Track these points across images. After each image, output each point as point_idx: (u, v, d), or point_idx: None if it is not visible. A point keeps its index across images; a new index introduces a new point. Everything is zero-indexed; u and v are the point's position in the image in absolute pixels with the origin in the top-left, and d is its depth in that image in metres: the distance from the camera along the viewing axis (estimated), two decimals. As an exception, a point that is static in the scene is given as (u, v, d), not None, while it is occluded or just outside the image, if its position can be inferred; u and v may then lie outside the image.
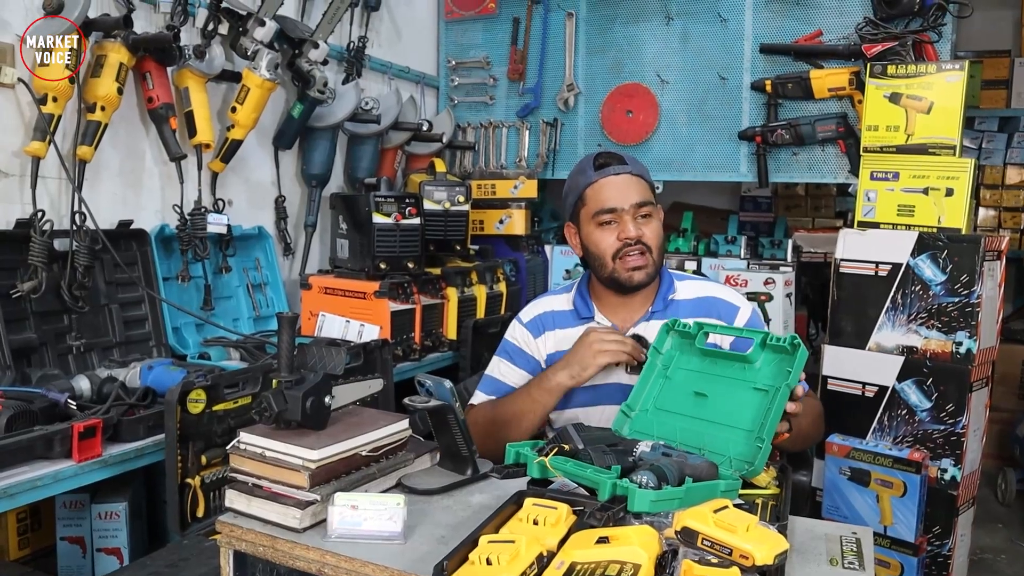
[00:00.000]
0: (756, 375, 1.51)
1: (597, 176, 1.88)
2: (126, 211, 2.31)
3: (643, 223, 1.86)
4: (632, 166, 1.89)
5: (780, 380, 1.46)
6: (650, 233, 1.86)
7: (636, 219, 1.85)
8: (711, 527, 1.06)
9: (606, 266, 1.88)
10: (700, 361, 1.61)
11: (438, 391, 1.43)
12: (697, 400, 1.55)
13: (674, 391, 1.60)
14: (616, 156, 1.90)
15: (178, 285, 2.41)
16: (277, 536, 1.25)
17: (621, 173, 1.87)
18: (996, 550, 3.33)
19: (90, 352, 2.15)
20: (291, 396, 1.31)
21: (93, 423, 1.66)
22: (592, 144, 3.38)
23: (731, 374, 1.55)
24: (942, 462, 2.66)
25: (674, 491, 1.20)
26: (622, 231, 1.84)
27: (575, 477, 1.29)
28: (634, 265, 1.85)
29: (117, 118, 2.22)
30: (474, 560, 1.05)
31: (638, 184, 1.87)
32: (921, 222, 2.66)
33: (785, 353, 1.49)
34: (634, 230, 1.83)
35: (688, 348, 1.64)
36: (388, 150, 3.22)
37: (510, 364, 2.02)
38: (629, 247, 1.84)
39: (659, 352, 1.65)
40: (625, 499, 1.18)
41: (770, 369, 1.50)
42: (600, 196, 1.87)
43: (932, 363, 2.63)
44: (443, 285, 2.78)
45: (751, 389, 1.50)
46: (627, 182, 1.86)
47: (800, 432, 1.60)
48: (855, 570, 1.18)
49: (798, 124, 2.99)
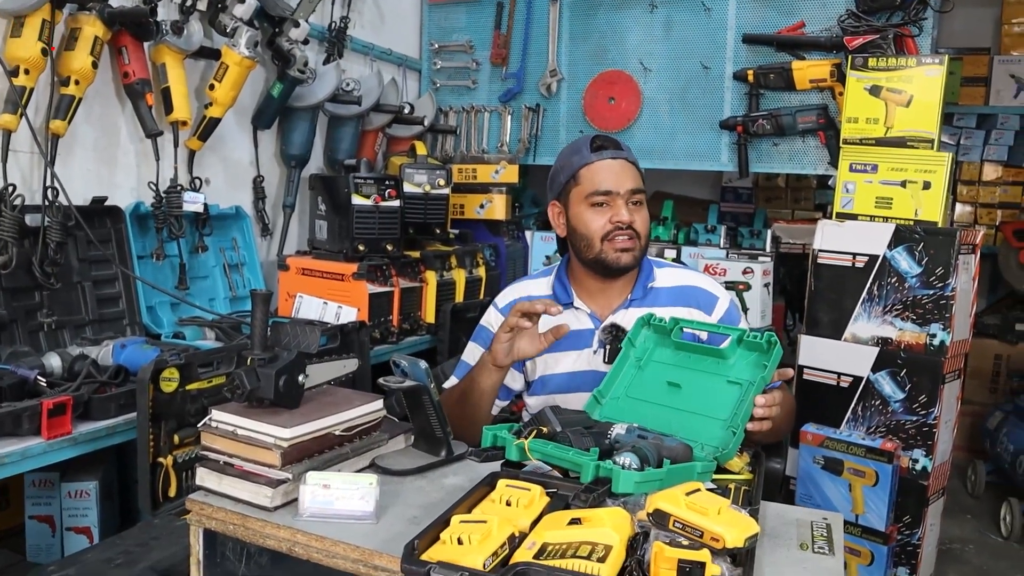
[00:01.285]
0: (730, 369, 1.52)
1: (595, 157, 1.86)
2: (100, 187, 2.28)
3: (635, 210, 1.86)
4: (627, 152, 1.90)
5: (755, 375, 1.46)
6: (640, 220, 1.86)
7: (629, 205, 1.85)
8: (683, 509, 1.06)
9: (593, 247, 1.86)
10: (674, 354, 1.61)
11: (413, 372, 1.42)
12: (670, 390, 1.55)
13: (647, 381, 1.60)
14: (613, 140, 1.90)
15: (153, 264, 2.38)
16: (248, 515, 1.24)
17: (618, 158, 1.87)
18: (964, 540, 3.38)
19: (62, 329, 2.12)
20: (264, 374, 1.30)
21: (63, 400, 1.64)
22: (574, 130, 3.37)
23: (705, 368, 1.55)
24: (914, 452, 2.68)
25: (656, 472, 1.20)
26: (615, 215, 1.83)
27: (556, 460, 1.29)
28: (623, 247, 1.84)
29: (92, 93, 2.18)
30: (445, 540, 1.04)
31: (633, 171, 1.88)
32: (898, 215, 2.67)
33: (760, 351, 1.49)
34: (627, 215, 1.83)
35: (663, 341, 1.64)
36: (369, 132, 3.19)
37: (483, 350, 2.00)
38: (620, 231, 1.84)
39: (633, 345, 1.65)
40: (607, 481, 1.17)
41: (745, 364, 1.51)
42: (596, 178, 1.85)
43: (906, 354, 2.65)
44: (422, 268, 2.77)
45: (725, 382, 1.50)
46: (623, 167, 1.86)
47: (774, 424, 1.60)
48: (824, 555, 1.19)
49: (779, 115, 3.00)
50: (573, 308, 1.93)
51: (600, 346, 1.88)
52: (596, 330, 1.90)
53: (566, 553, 1.00)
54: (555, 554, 1.01)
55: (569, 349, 1.91)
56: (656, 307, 1.87)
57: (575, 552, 1.00)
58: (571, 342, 1.90)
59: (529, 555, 1.01)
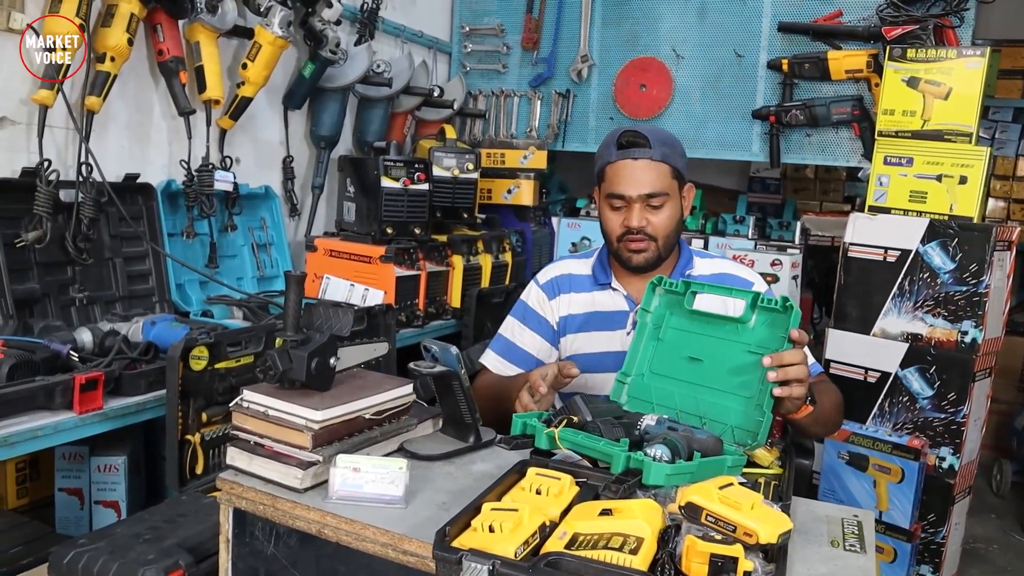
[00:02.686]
0: (750, 336, 1.48)
1: (617, 156, 1.84)
2: (133, 164, 2.29)
3: (651, 212, 1.83)
4: (656, 149, 1.82)
5: (775, 344, 1.43)
6: (657, 222, 1.83)
7: (645, 208, 1.82)
8: (716, 503, 1.05)
9: (611, 244, 1.90)
10: (691, 322, 1.57)
11: (444, 357, 1.42)
12: (692, 365, 1.53)
13: (668, 354, 1.57)
14: (642, 136, 1.83)
15: (183, 242, 2.40)
16: (278, 495, 1.24)
17: (640, 158, 1.82)
18: (988, 540, 3.35)
19: (93, 305, 2.14)
20: (296, 356, 1.30)
21: (95, 375, 1.65)
22: (604, 117, 3.35)
23: (724, 335, 1.51)
24: (941, 450, 2.66)
25: (687, 465, 1.19)
26: (627, 218, 1.83)
27: (586, 450, 1.28)
28: (635, 248, 1.85)
29: (126, 70, 2.18)
30: (476, 527, 1.04)
31: (656, 171, 1.82)
32: (933, 209, 2.64)
33: (778, 313, 1.46)
34: (637, 221, 1.82)
35: (678, 308, 1.59)
36: (398, 114, 3.18)
37: (522, 325, 2.02)
38: (631, 234, 1.84)
39: (647, 312, 1.62)
40: (637, 472, 1.17)
41: (764, 331, 1.47)
42: (615, 179, 1.84)
43: (936, 351, 2.62)
44: (449, 253, 2.77)
45: (746, 352, 1.47)
46: (644, 168, 1.82)
47: (823, 413, 1.58)
48: (856, 553, 1.17)
49: (813, 105, 2.96)
50: (611, 289, 1.94)
51: (634, 327, 1.88)
52: (631, 312, 1.90)
53: (598, 544, 1.00)
54: (587, 544, 1.00)
55: (604, 329, 1.92)
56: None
57: (607, 543, 1.00)
58: (606, 322, 1.92)
59: (560, 545, 1.01)
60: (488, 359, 2.03)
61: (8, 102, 1.97)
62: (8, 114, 1.98)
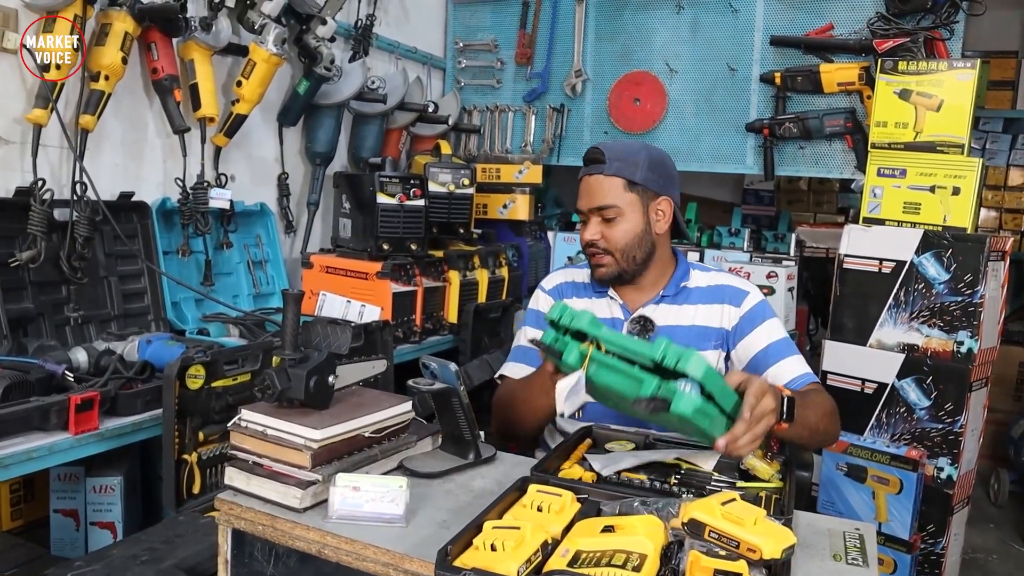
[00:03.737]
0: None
1: (582, 172, 1.92)
2: (127, 183, 2.28)
3: (604, 225, 1.87)
4: (610, 164, 1.86)
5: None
6: (611, 235, 1.87)
7: (601, 222, 1.87)
8: (719, 519, 1.04)
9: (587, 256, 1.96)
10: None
11: (443, 374, 1.41)
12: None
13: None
14: (600, 152, 1.88)
15: (178, 259, 2.39)
16: (277, 515, 1.23)
17: (594, 173, 1.88)
18: (988, 550, 3.34)
19: (88, 324, 2.12)
20: (295, 374, 1.29)
21: (90, 395, 1.64)
22: (598, 131, 3.36)
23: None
24: (939, 461, 2.66)
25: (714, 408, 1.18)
26: (583, 232, 1.91)
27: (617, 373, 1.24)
28: (595, 263, 1.91)
29: (120, 88, 2.18)
30: (478, 546, 1.03)
31: (606, 185, 1.86)
32: (927, 220, 2.65)
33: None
34: (588, 234, 1.88)
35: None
36: (393, 130, 3.19)
37: (535, 330, 2.04)
38: (590, 247, 1.90)
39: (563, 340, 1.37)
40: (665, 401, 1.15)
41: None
42: (578, 194, 1.93)
43: (933, 362, 2.62)
44: (445, 268, 2.76)
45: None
46: (596, 184, 1.87)
47: (806, 426, 1.57)
48: (859, 566, 1.17)
49: (806, 118, 2.97)
50: (607, 297, 1.97)
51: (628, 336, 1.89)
52: (625, 321, 1.91)
53: (600, 561, 0.99)
54: (589, 562, 1.00)
55: None
56: (687, 304, 1.92)
57: (609, 560, 0.99)
58: None
59: (563, 563, 1.00)
60: (507, 369, 2.04)
61: (2, 121, 1.97)
62: (2, 133, 1.97)
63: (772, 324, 1.90)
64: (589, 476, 1.36)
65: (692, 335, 1.89)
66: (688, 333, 1.88)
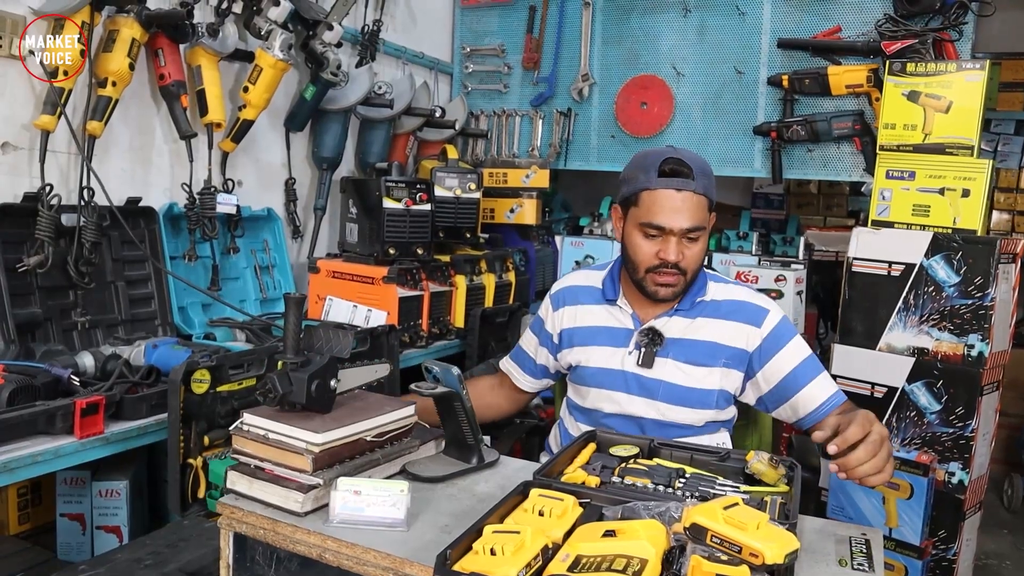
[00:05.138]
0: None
1: (659, 185, 1.74)
2: (134, 188, 2.30)
3: (687, 246, 1.77)
4: (698, 182, 1.74)
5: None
6: (691, 257, 1.78)
7: (682, 242, 1.76)
8: (721, 524, 1.03)
9: (637, 272, 1.82)
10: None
11: (445, 378, 1.41)
12: None
13: None
14: (687, 166, 1.74)
15: (185, 265, 2.40)
16: (278, 519, 1.23)
17: (684, 190, 1.73)
18: (1001, 556, 3.31)
19: (95, 329, 2.14)
20: (296, 378, 1.29)
21: (96, 400, 1.64)
22: (605, 135, 3.35)
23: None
24: (950, 466, 2.63)
25: None
26: (663, 251, 1.76)
27: None
28: (664, 282, 1.79)
29: (128, 94, 2.20)
30: (478, 550, 1.03)
31: (697, 205, 1.75)
32: (936, 222, 2.63)
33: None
34: (675, 255, 1.75)
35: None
36: (400, 135, 3.19)
37: (532, 334, 2.09)
38: (665, 267, 1.77)
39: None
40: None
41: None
42: (654, 207, 1.75)
43: (943, 365, 2.60)
44: (452, 273, 2.76)
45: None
46: (686, 202, 1.74)
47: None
48: (864, 572, 1.16)
49: (814, 120, 2.95)
50: (617, 306, 1.92)
51: (636, 348, 1.86)
52: (635, 332, 1.87)
53: (600, 566, 0.98)
54: (589, 567, 0.99)
55: (606, 344, 1.90)
56: (700, 318, 1.85)
57: (610, 565, 0.98)
58: (610, 338, 1.90)
59: (563, 567, 1.00)
60: (501, 362, 2.17)
61: (10, 127, 1.98)
62: (10, 139, 1.99)
63: (796, 344, 1.82)
64: (592, 480, 1.35)
65: (701, 351, 1.83)
66: (697, 348, 1.83)
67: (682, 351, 1.83)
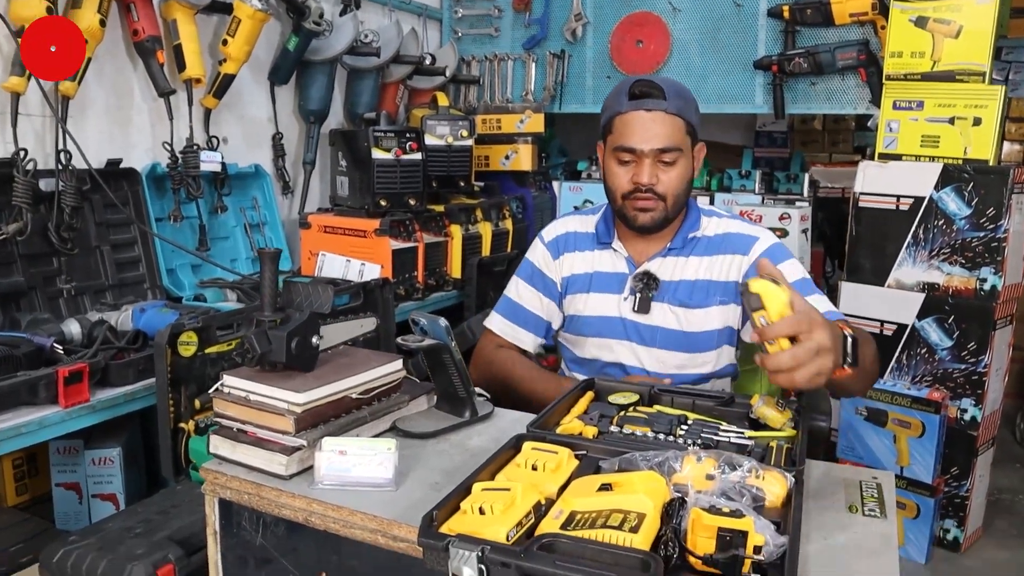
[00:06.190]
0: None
1: (628, 107, 1.70)
2: (114, 149, 2.22)
3: (663, 169, 1.71)
4: (671, 101, 1.70)
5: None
6: (668, 181, 1.71)
7: (656, 164, 1.70)
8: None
9: (615, 201, 1.78)
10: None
11: (433, 330, 1.35)
12: None
13: None
14: (657, 87, 1.71)
15: (171, 226, 2.34)
16: (262, 484, 1.18)
17: (654, 110, 1.69)
18: (1014, 490, 3.27)
19: (82, 295, 2.09)
20: (275, 336, 1.23)
21: (79, 367, 1.60)
22: (601, 76, 3.25)
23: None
24: (962, 402, 2.58)
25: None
26: (636, 175, 1.71)
27: None
28: (642, 207, 1.73)
29: (101, 52, 2.12)
30: (466, 509, 0.97)
31: (671, 124, 1.70)
32: (946, 153, 2.54)
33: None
34: (647, 177, 1.70)
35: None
36: (389, 85, 3.10)
37: (527, 285, 1.95)
38: (639, 192, 1.72)
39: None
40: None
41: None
42: (625, 131, 1.71)
43: (955, 300, 2.54)
44: (446, 223, 2.69)
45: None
46: (657, 121, 1.69)
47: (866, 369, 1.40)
48: (876, 517, 1.10)
49: (817, 52, 2.84)
50: (612, 249, 1.86)
51: (631, 293, 1.80)
52: (629, 276, 1.81)
53: (595, 523, 0.93)
54: (584, 524, 0.94)
55: (602, 291, 1.85)
56: (693, 256, 1.79)
57: (605, 522, 0.93)
58: (605, 284, 1.84)
59: (556, 525, 0.95)
60: (494, 323, 1.97)
61: (-24, 91, 1.91)
62: (-23, 103, 1.91)
63: (788, 265, 1.75)
64: (590, 431, 1.30)
65: (695, 291, 1.77)
66: (691, 289, 1.77)
67: (676, 294, 1.77)
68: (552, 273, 1.93)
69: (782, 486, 1.05)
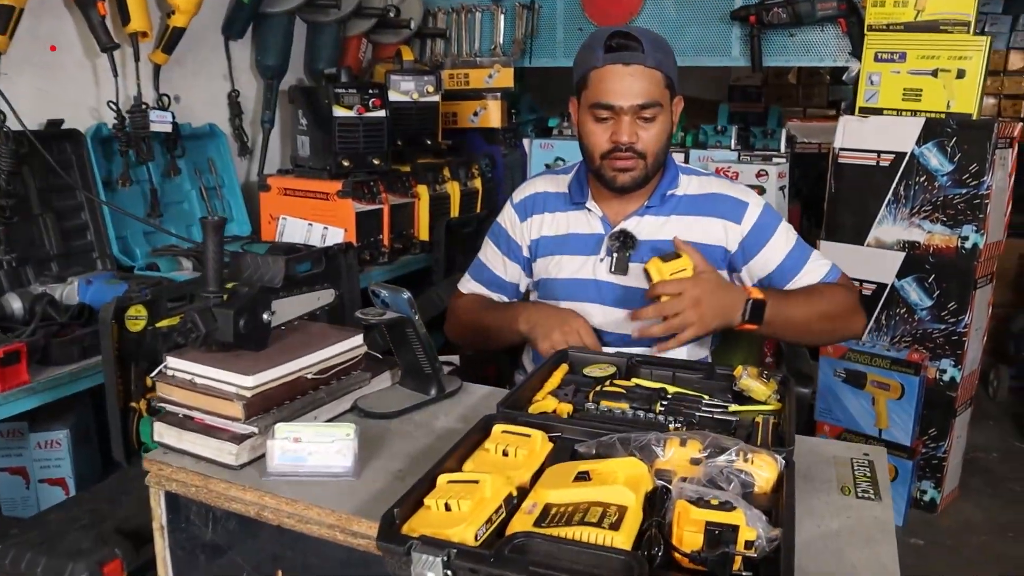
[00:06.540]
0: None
1: (605, 61, 1.59)
2: (55, 110, 2.09)
3: (642, 126, 1.61)
4: (650, 55, 1.59)
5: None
6: (648, 138, 1.62)
7: (635, 121, 1.61)
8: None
9: (593, 161, 1.68)
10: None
11: (394, 302, 1.25)
12: None
13: None
14: (635, 39, 1.59)
15: (121, 191, 2.21)
16: (210, 475, 1.09)
17: (632, 63, 1.58)
18: (988, 448, 3.26)
19: (24, 267, 1.96)
20: (221, 314, 1.13)
21: (15, 347, 1.49)
22: (572, 28, 3.12)
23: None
24: (941, 363, 2.54)
25: None
26: (615, 133, 1.61)
27: None
28: (622, 167, 1.64)
29: (35, 4, 1.97)
30: (430, 505, 0.89)
31: (650, 79, 1.59)
32: (928, 107, 2.46)
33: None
34: (627, 135, 1.60)
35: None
36: (351, 38, 2.96)
37: (495, 248, 1.88)
38: (619, 151, 1.62)
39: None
40: None
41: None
42: (602, 86, 1.60)
43: (935, 259, 2.48)
44: (413, 183, 2.57)
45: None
46: (637, 75, 1.58)
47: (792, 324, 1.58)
48: (870, 500, 1.03)
49: (796, 2, 2.73)
50: (585, 209, 1.76)
51: (607, 254, 1.71)
52: (605, 236, 1.72)
53: (572, 518, 0.85)
54: (560, 519, 0.86)
55: (576, 253, 1.75)
56: (674, 215, 1.70)
57: (583, 517, 0.85)
58: (578, 245, 1.75)
59: (529, 521, 0.86)
60: (465, 285, 1.91)
61: None
62: None
63: (782, 232, 1.69)
64: (564, 408, 1.22)
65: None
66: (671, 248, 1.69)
67: (655, 254, 1.68)
68: (518, 236, 1.84)
69: (772, 470, 0.98)
